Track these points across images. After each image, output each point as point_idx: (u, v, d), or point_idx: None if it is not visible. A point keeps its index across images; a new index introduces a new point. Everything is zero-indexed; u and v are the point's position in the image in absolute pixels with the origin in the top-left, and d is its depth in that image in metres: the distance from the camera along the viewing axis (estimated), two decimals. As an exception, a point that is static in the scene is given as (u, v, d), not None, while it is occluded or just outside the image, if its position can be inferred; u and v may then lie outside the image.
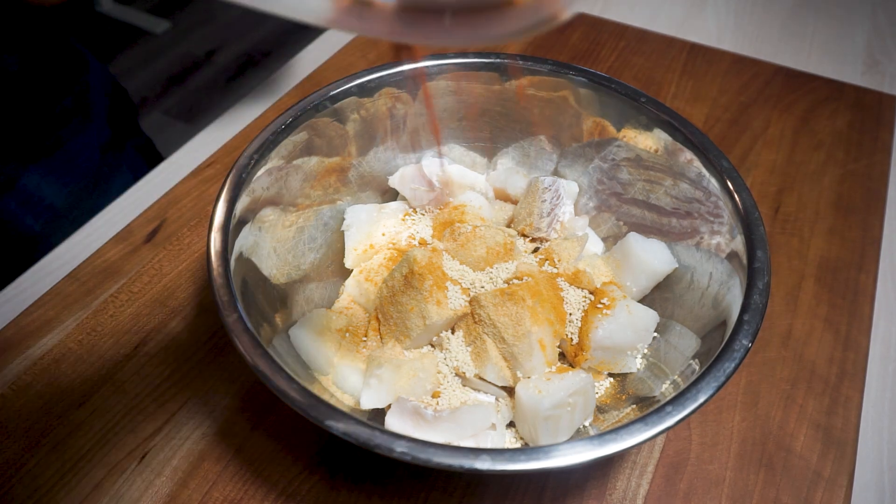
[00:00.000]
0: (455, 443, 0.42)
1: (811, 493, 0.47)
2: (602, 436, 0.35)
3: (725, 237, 0.46)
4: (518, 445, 0.44)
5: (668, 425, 0.35)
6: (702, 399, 0.36)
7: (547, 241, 0.54)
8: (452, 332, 0.47)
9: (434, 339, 0.48)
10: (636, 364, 0.48)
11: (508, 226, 0.56)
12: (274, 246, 0.49)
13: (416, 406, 0.43)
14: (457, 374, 0.47)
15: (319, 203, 0.54)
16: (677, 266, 0.50)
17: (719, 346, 0.39)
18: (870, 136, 0.74)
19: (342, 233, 0.55)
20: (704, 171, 0.48)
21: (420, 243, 0.55)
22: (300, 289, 0.51)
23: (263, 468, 0.47)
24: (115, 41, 2.06)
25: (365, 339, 0.49)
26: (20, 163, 0.64)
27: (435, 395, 0.46)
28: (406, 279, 0.47)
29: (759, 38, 0.88)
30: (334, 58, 0.81)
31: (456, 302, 0.46)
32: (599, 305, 0.48)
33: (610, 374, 0.49)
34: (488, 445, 0.43)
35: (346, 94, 0.52)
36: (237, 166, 0.46)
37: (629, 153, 0.54)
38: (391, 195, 0.59)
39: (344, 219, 0.55)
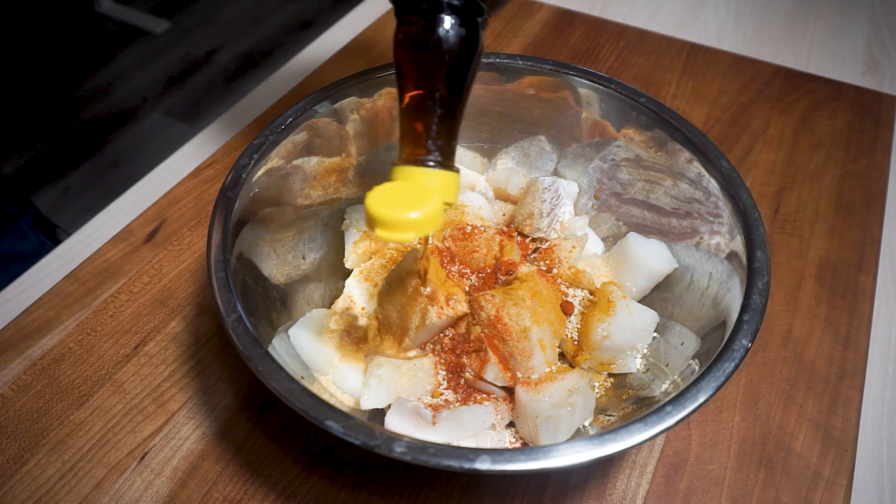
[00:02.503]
0: (455, 443, 0.42)
1: (811, 493, 0.47)
2: (602, 436, 0.35)
3: (725, 237, 0.46)
4: (518, 445, 0.44)
5: (668, 425, 0.35)
6: (702, 399, 0.36)
7: (547, 241, 0.54)
8: (452, 332, 0.47)
9: (434, 338, 0.48)
10: (636, 364, 0.48)
11: (508, 226, 0.56)
12: (274, 246, 0.49)
13: (415, 406, 0.43)
14: (457, 374, 0.47)
15: (319, 203, 0.54)
16: (677, 266, 0.50)
17: (719, 346, 0.39)
18: (869, 136, 0.74)
19: (342, 233, 0.55)
20: (704, 171, 0.48)
21: (420, 243, 0.55)
22: (300, 289, 0.51)
23: (263, 468, 0.47)
24: (115, 41, 2.06)
25: (365, 339, 0.49)
26: None
27: (435, 395, 0.46)
28: (406, 280, 0.47)
29: (759, 38, 0.88)
30: (334, 58, 0.81)
31: (456, 302, 0.46)
32: (599, 305, 0.48)
33: (610, 374, 0.49)
34: (488, 445, 0.43)
35: (346, 94, 0.52)
36: (237, 166, 0.46)
37: (629, 153, 0.54)
38: (391, 195, 0.59)
39: (344, 219, 0.55)
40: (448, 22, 0.37)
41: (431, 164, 0.38)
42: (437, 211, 0.36)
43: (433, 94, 0.38)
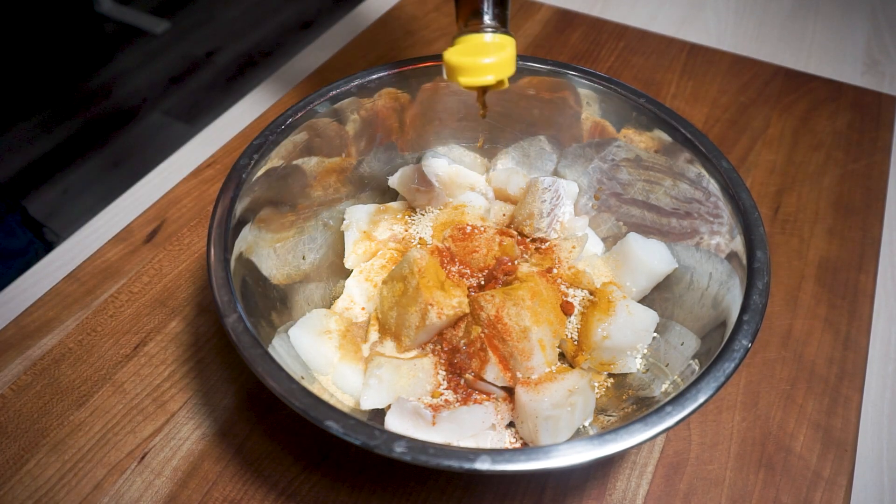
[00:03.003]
0: (455, 443, 0.42)
1: (811, 493, 0.47)
2: (602, 436, 0.35)
3: (725, 237, 0.46)
4: (518, 445, 0.44)
5: (668, 425, 0.35)
6: (702, 399, 0.36)
7: (547, 241, 0.54)
8: (452, 332, 0.47)
9: (434, 338, 0.48)
10: (636, 364, 0.48)
11: (508, 226, 0.56)
12: (274, 246, 0.49)
13: (415, 406, 0.43)
14: (457, 374, 0.47)
15: (319, 203, 0.54)
16: (677, 266, 0.50)
17: (719, 346, 0.39)
18: (869, 137, 0.74)
19: (342, 233, 0.55)
20: (704, 172, 0.48)
21: (420, 243, 0.55)
22: (300, 289, 0.51)
23: (263, 468, 0.47)
24: (115, 41, 2.06)
25: (365, 339, 0.49)
26: None
27: (435, 395, 0.46)
28: (405, 280, 0.47)
29: (759, 38, 0.88)
30: (334, 58, 0.81)
31: (456, 302, 0.46)
32: (599, 305, 0.48)
33: (610, 374, 0.49)
34: (488, 445, 0.43)
35: (346, 94, 0.52)
36: (237, 166, 0.46)
37: (629, 153, 0.54)
38: (391, 195, 0.59)
39: (344, 219, 0.55)
40: None
41: (490, 29, 0.43)
42: (510, 56, 0.42)
43: None
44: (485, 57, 0.41)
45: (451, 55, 0.42)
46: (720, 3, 0.93)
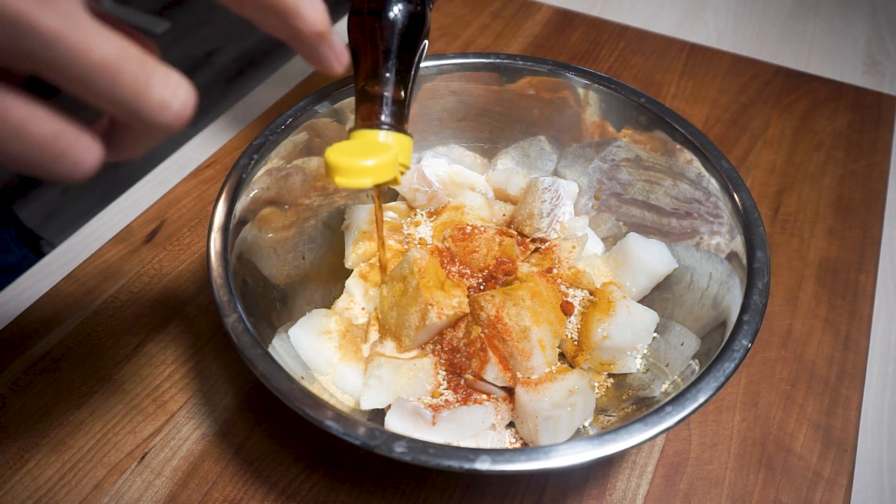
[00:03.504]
0: (455, 443, 0.42)
1: (811, 493, 0.47)
2: (602, 436, 0.35)
3: (725, 237, 0.46)
4: (518, 445, 0.44)
5: (668, 425, 0.35)
6: (701, 399, 0.36)
7: (547, 241, 0.54)
8: (452, 332, 0.47)
9: (434, 338, 0.48)
10: (636, 364, 0.48)
11: (508, 226, 0.56)
12: (274, 246, 0.49)
13: (415, 406, 0.43)
14: (457, 374, 0.47)
15: (319, 203, 0.54)
16: (677, 266, 0.50)
17: (719, 346, 0.39)
18: (869, 137, 0.74)
19: (342, 233, 0.55)
20: (704, 172, 0.48)
21: (420, 243, 0.55)
22: (300, 289, 0.51)
23: (263, 468, 0.47)
24: (115, 41, 2.06)
25: (365, 339, 0.49)
26: None
27: (435, 395, 0.46)
28: (406, 280, 0.47)
29: (759, 38, 0.88)
30: (334, 58, 0.81)
31: (456, 302, 0.46)
32: (599, 305, 0.48)
33: (610, 374, 0.49)
34: (488, 445, 0.43)
35: (346, 94, 0.52)
36: (237, 166, 0.46)
37: (629, 153, 0.54)
38: (391, 195, 0.59)
39: (344, 219, 0.55)
40: (398, 6, 0.41)
41: (385, 127, 0.41)
42: (391, 160, 0.39)
43: (386, 66, 0.42)
44: (365, 159, 0.38)
45: (331, 153, 0.38)
46: (720, 3, 0.93)
